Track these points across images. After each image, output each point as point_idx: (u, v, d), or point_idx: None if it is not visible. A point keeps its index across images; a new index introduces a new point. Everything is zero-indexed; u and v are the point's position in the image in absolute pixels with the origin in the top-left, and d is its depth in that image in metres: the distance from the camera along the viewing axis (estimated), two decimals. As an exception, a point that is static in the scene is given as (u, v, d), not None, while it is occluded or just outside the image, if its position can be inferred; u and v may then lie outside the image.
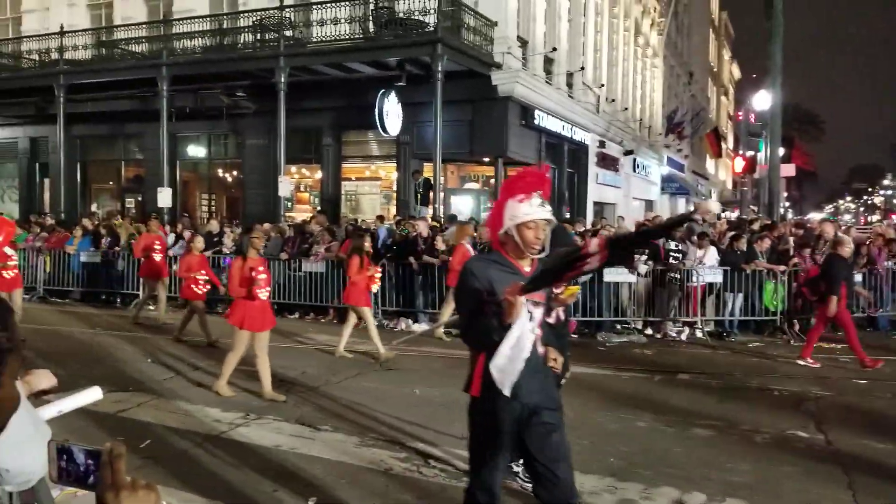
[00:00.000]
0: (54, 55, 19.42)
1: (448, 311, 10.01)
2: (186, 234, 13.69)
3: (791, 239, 12.26)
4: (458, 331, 3.19)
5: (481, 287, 3.04)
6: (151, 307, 13.06)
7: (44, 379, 2.06)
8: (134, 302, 13.56)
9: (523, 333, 2.95)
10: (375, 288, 9.33)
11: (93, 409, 6.16)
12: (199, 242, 10.32)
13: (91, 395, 2.14)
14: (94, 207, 22.42)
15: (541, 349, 3.12)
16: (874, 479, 4.90)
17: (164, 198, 17.69)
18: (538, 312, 3.11)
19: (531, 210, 3.08)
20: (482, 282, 3.05)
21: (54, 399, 2.05)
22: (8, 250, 9.56)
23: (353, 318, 9.00)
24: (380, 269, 9.59)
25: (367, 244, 9.23)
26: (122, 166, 22.84)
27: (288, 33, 16.34)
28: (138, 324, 11.24)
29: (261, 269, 6.98)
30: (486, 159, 17.95)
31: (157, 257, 11.48)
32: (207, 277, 10.07)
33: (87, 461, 1.22)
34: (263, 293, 6.94)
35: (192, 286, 9.80)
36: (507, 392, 2.98)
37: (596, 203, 23.65)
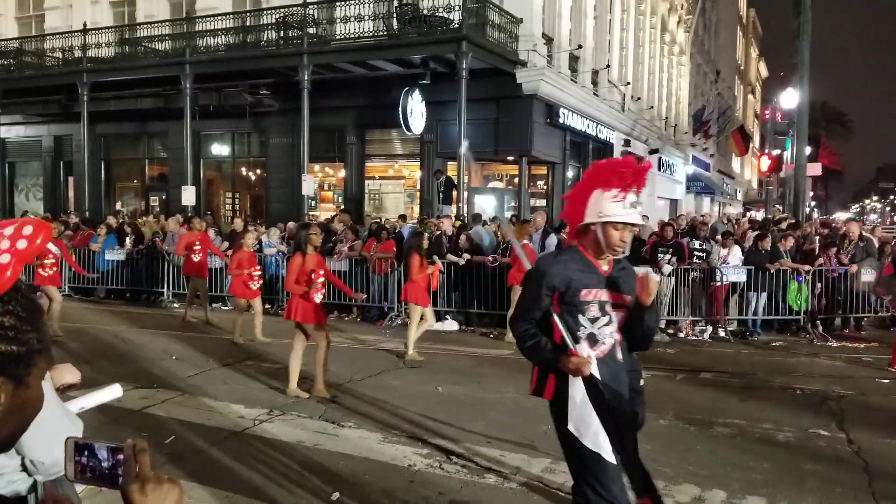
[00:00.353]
0: (77, 53, 19.53)
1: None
2: (210, 232, 13.73)
3: (816, 238, 12.17)
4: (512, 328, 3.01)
5: (553, 291, 2.85)
6: (176, 304, 13.16)
7: (67, 373, 2.05)
8: (161, 301, 13.66)
9: (585, 396, 2.76)
10: (434, 284, 9.28)
11: (118, 406, 6.19)
12: (250, 239, 10.18)
13: (112, 392, 2.14)
14: (118, 206, 22.62)
15: (620, 356, 2.92)
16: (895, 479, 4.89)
17: (188, 196, 17.78)
18: (618, 316, 2.90)
19: (624, 212, 2.80)
20: (557, 283, 2.85)
21: (76, 396, 2.04)
22: (51, 246, 9.59)
23: (430, 316, 9.02)
24: (440, 267, 9.48)
25: (425, 242, 9.16)
26: (146, 164, 23.01)
27: (311, 31, 16.34)
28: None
29: (321, 272, 6.95)
30: (511, 158, 17.83)
31: (196, 257, 11.34)
32: (260, 273, 10.00)
33: (109, 458, 1.18)
34: (319, 296, 6.89)
35: (248, 283, 9.72)
36: (611, 458, 2.76)
37: (620, 202, 23.34)
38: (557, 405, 2.89)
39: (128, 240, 14.40)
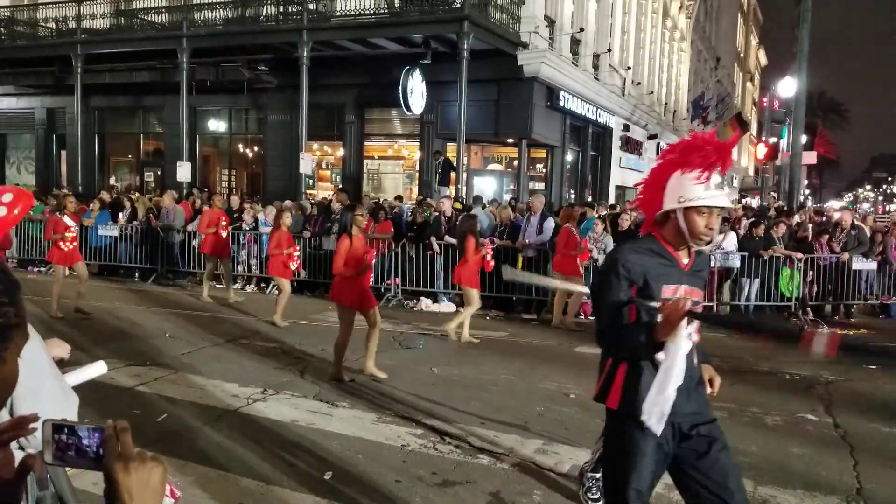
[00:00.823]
0: (72, 24, 19.21)
1: (573, 297, 9.85)
2: (204, 209, 13.60)
3: (810, 226, 12.40)
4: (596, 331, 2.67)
5: (630, 284, 2.54)
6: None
7: (56, 348, 2.04)
8: (155, 278, 13.57)
9: (678, 360, 2.44)
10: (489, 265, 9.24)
11: (109, 383, 6.16)
12: (288, 218, 9.93)
13: (96, 369, 2.11)
14: (112, 181, 22.43)
15: (696, 360, 2.65)
16: (880, 462, 4.94)
17: (184, 172, 17.61)
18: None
19: (708, 194, 2.48)
20: (634, 276, 2.53)
21: (62, 373, 2.02)
22: (68, 220, 9.39)
23: (477, 300, 8.95)
24: (491, 250, 9.40)
25: (478, 225, 9.04)
26: (141, 139, 22.75)
27: (311, 6, 16.13)
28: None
29: (374, 252, 6.88)
30: (511, 140, 17.74)
31: (224, 233, 11.13)
32: (299, 252, 9.84)
33: (89, 438, 1.16)
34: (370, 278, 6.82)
35: (287, 263, 9.52)
36: (657, 430, 2.49)
37: (618, 187, 23.41)
38: (624, 410, 2.59)
39: (122, 215, 14.26)
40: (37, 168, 23.66)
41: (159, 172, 21.70)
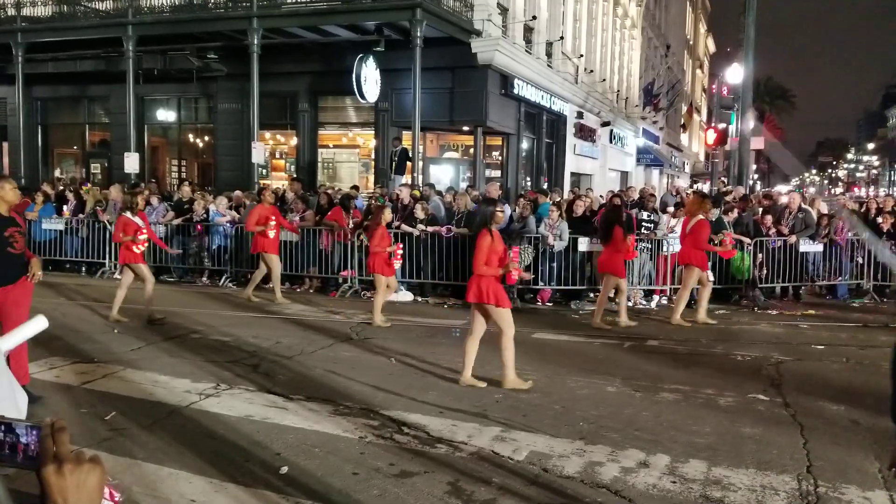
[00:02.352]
0: (10, 11, 18.43)
1: (695, 296, 9.81)
2: (154, 200, 13.29)
3: (760, 210, 12.69)
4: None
5: None
6: (117, 275, 12.74)
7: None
8: (103, 273, 13.21)
9: None
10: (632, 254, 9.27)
11: (55, 382, 6.01)
12: (389, 214, 9.52)
13: (37, 325, 2.05)
14: (57, 173, 21.72)
15: None
16: (828, 440, 5.07)
17: (131, 163, 17.14)
18: None
19: None
20: None
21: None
22: (139, 220, 8.96)
23: (623, 286, 9.08)
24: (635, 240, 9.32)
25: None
26: (86, 130, 22.04)
27: (261, -7, 15.82)
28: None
29: (514, 248, 6.70)
30: (466, 128, 17.71)
31: (272, 233, 10.50)
32: (401, 251, 9.64)
33: (27, 436, 1.10)
34: (515, 273, 6.58)
35: (389, 261, 9.15)
36: None
37: (573, 174, 23.60)
38: None
39: (66, 208, 13.83)
40: (-23, 161, 22.76)
41: (106, 164, 21.10)
